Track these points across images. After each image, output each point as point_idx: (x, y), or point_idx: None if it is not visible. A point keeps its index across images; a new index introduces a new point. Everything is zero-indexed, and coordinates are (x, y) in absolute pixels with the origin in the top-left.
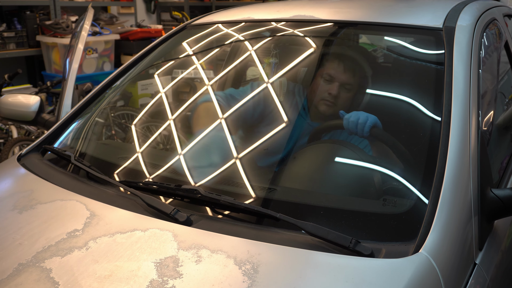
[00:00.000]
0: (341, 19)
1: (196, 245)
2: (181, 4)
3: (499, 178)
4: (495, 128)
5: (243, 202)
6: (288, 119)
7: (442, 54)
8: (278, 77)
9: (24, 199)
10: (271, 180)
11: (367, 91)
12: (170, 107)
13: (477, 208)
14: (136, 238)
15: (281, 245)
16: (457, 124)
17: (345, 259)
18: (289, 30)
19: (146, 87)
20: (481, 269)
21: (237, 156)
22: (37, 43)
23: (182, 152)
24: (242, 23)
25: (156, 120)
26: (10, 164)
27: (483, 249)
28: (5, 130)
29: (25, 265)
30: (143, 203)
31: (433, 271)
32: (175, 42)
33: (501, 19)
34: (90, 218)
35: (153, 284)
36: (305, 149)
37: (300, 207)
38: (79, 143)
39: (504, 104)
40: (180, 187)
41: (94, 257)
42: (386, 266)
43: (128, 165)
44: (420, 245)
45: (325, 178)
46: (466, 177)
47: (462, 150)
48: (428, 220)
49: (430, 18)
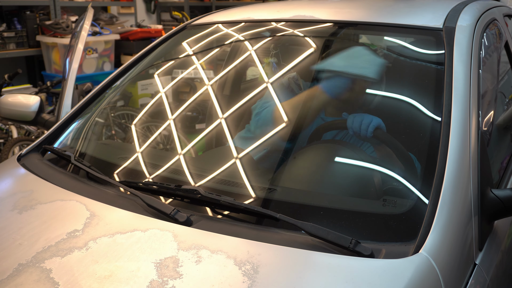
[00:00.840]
0: (341, 19)
1: (196, 246)
2: (181, 4)
3: (499, 178)
4: (495, 128)
5: (243, 203)
6: (292, 119)
7: (442, 54)
8: (279, 77)
9: (24, 199)
10: (271, 180)
11: (368, 92)
12: (170, 107)
13: (477, 208)
14: (136, 239)
15: (281, 246)
16: (457, 125)
17: (345, 260)
18: (289, 30)
19: (146, 87)
20: (481, 270)
21: (237, 156)
22: (37, 43)
23: (181, 152)
24: (242, 23)
25: (156, 120)
26: (10, 164)
27: (483, 250)
28: (5, 130)
29: (25, 265)
30: (143, 203)
31: (433, 271)
32: (175, 42)
33: (501, 19)
34: (90, 219)
35: (153, 284)
36: (305, 149)
37: (300, 208)
38: (79, 143)
39: (504, 104)
40: (180, 187)
41: (94, 258)
42: (386, 267)
43: (128, 165)
44: (420, 245)
45: (325, 178)
46: (466, 177)
47: (462, 151)
48: (428, 221)
49: (430, 18)
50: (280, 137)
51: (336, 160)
